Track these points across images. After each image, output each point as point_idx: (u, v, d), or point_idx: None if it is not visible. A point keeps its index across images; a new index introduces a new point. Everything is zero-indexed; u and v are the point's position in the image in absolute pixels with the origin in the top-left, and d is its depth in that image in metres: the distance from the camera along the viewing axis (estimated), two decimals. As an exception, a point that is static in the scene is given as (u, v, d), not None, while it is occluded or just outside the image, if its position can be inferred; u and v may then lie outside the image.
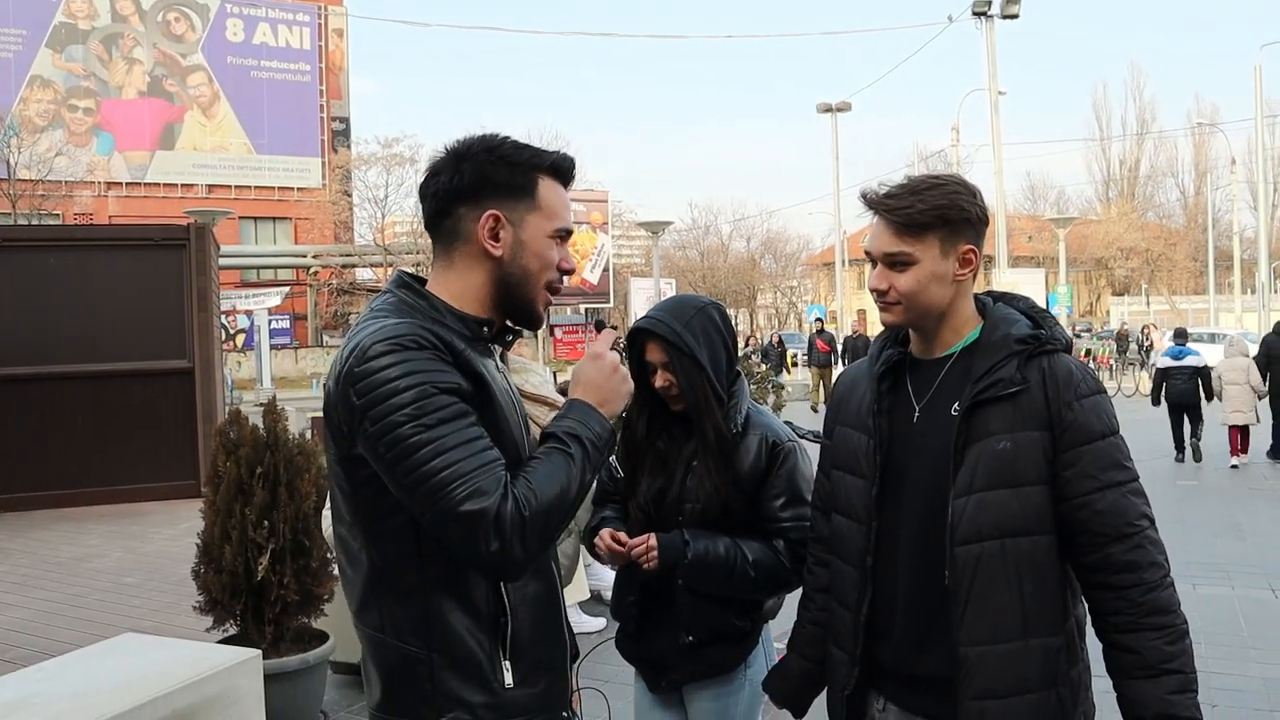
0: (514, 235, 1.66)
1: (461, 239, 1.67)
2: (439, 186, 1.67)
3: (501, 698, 1.61)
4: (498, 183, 1.65)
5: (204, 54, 40.47)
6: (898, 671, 1.89)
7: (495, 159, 1.66)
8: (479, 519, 1.46)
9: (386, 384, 1.48)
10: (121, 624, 5.58)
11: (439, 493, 1.46)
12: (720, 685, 2.41)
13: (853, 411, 1.99)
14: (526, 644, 1.64)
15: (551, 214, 1.70)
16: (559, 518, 1.55)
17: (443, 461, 1.47)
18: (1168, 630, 1.73)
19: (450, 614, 1.58)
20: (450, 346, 1.56)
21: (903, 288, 1.83)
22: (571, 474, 1.56)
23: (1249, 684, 4.65)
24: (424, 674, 1.59)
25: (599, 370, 1.70)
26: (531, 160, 1.68)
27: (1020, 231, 49.94)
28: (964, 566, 1.75)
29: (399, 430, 1.47)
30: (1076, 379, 1.79)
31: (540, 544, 1.53)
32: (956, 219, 1.81)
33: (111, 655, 3.42)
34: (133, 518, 9.16)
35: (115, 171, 38.87)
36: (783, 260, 64.93)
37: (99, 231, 13.90)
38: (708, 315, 2.39)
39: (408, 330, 1.53)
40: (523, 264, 1.68)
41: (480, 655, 1.59)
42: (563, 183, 1.73)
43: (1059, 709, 1.78)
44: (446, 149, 1.70)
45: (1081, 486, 1.75)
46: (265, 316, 27.29)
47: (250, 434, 4.12)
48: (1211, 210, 49.77)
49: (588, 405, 1.66)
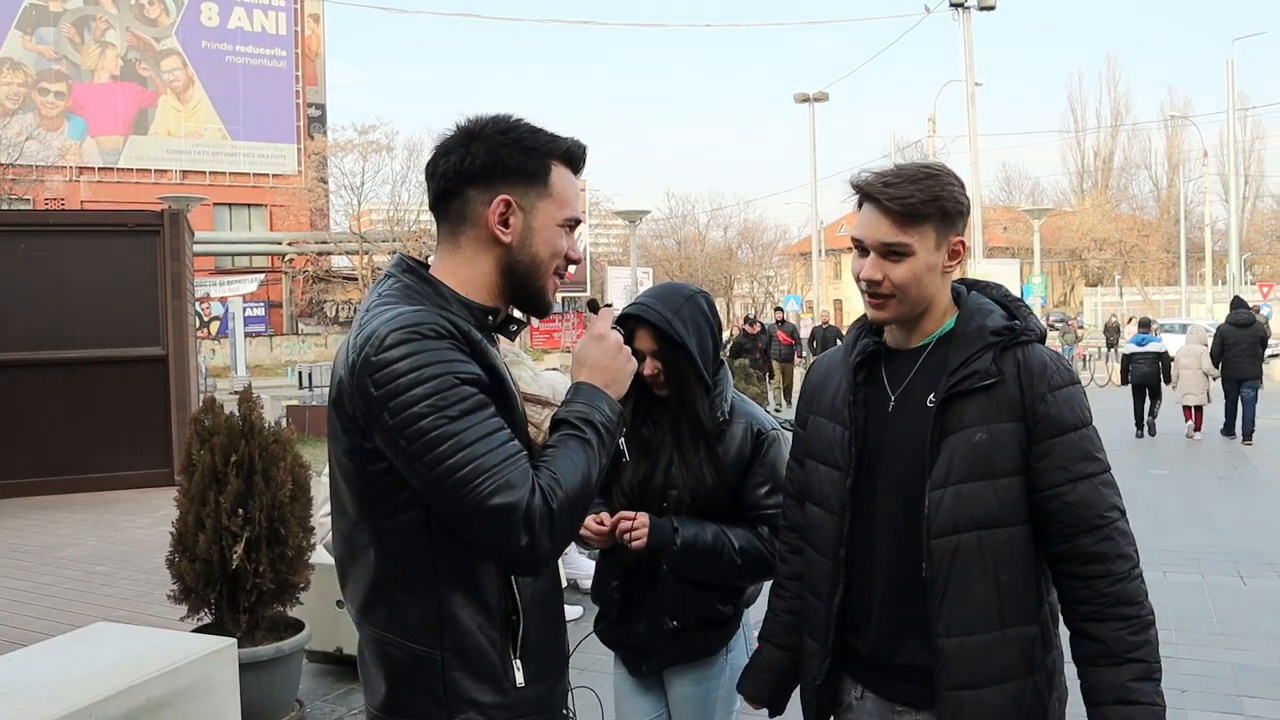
0: (524, 222, 1.61)
1: (469, 223, 1.62)
2: (449, 166, 1.61)
3: (512, 697, 1.57)
4: (511, 167, 1.60)
5: (178, 38, 39.98)
6: (875, 661, 1.90)
7: (509, 142, 1.60)
8: (509, 513, 1.42)
9: (407, 374, 1.43)
10: (94, 613, 5.53)
11: (466, 487, 1.42)
12: (701, 669, 2.43)
13: (827, 402, 1.98)
14: (535, 642, 1.61)
15: (563, 202, 1.65)
16: (583, 507, 1.52)
17: (468, 455, 1.42)
18: (1133, 621, 1.75)
19: (463, 612, 1.53)
20: (468, 337, 1.52)
21: (898, 279, 1.80)
22: (591, 461, 1.53)
23: (1218, 669, 4.72)
24: (436, 674, 1.54)
25: (603, 351, 1.66)
26: (547, 145, 1.63)
27: (995, 222, 50.30)
28: (941, 558, 1.76)
29: (422, 422, 1.42)
30: (1050, 371, 1.79)
31: (567, 536, 1.50)
32: (952, 210, 1.80)
33: (84, 644, 3.39)
34: (106, 506, 9.07)
35: (87, 156, 38.39)
36: (760, 250, 65.03)
37: (71, 217, 13.71)
38: (696, 304, 2.40)
39: (425, 319, 1.48)
40: (532, 251, 1.63)
41: (493, 654, 1.56)
42: (574, 170, 1.69)
43: (1035, 696, 1.79)
44: (458, 127, 1.64)
45: (1053, 478, 1.76)
46: (240, 304, 27.07)
47: (225, 422, 4.09)
48: (1184, 202, 50.36)
49: (594, 388, 1.62)
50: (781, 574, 2.15)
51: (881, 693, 1.91)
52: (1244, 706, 4.29)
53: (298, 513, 4.10)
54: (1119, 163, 62.39)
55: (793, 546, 2.11)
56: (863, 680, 1.94)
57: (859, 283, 1.85)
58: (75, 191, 37.11)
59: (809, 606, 2.00)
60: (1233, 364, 12.90)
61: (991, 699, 1.76)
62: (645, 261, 47.54)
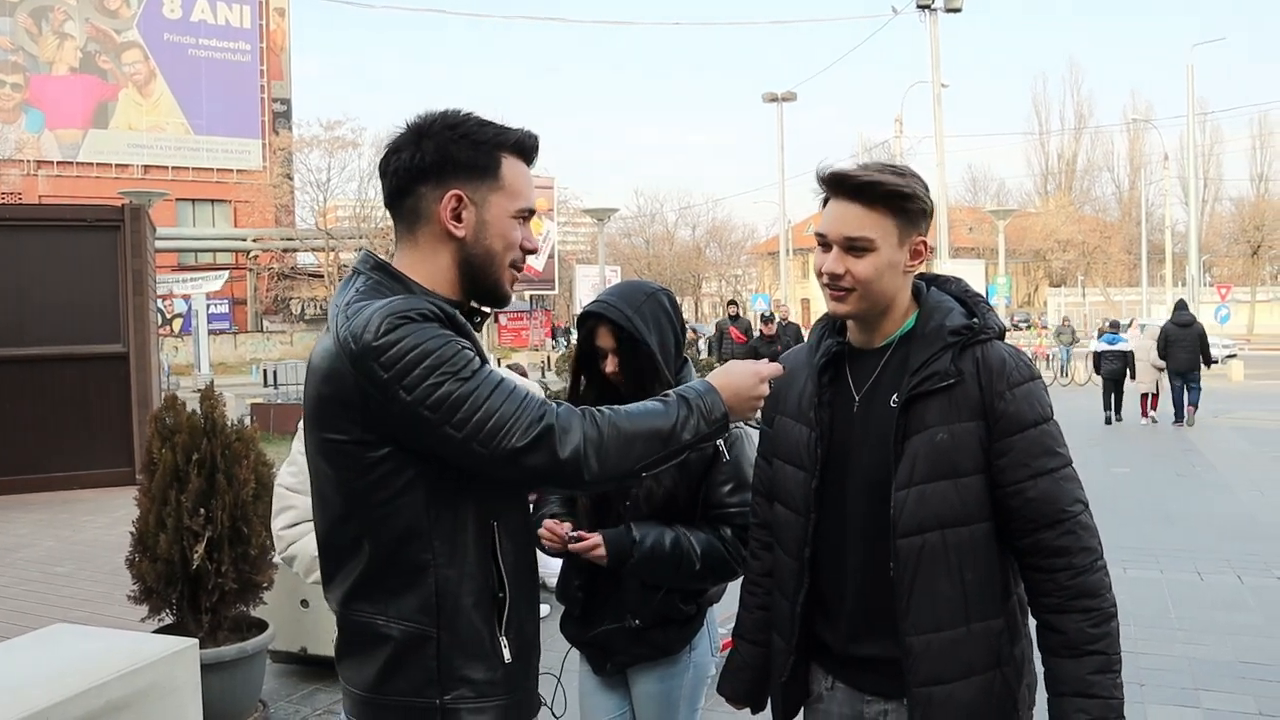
0: (477, 215, 1.64)
1: (424, 219, 1.64)
2: (400, 164, 1.64)
3: (500, 673, 1.62)
4: (460, 161, 1.62)
5: (139, 30, 39.42)
6: (844, 653, 1.92)
7: (458, 137, 1.62)
8: (545, 436, 1.49)
9: (412, 350, 1.48)
10: (52, 615, 5.44)
11: (500, 433, 1.48)
12: (665, 667, 2.43)
13: (793, 402, 1.99)
14: (517, 619, 1.65)
15: (515, 193, 1.67)
16: (639, 450, 1.56)
17: (490, 405, 1.48)
18: (1094, 613, 1.77)
19: (458, 590, 1.58)
20: (453, 320, 1.56)
21: (860, 274, 1.81)
22: (669, 419, 1.58)
23: (1175, 664, 4.79)
24: (430, 653, 1.58)
25: (745, 378, 1.71)
26: (496, 138, 1.65)
27: (961, 223, 50.81)
28: (907, 558, 1.78)
29: (440, 390, 1.47)
30: (1010, 368, 1.81)
31: (616, 465, 1.54)
32: (914, 209, 1.82)
33: (42, 646, 3.33)
34: (64, 506, 8.93)
35: (46, 150, 37.76)
36: (728, 249, 65.27)
37: (29, 211, 13.48)
38: (658, 301, 2.39)
39: (414, 304, 1.53)
40: (486, 244, 1.65)
41: (484, 632, 1.60)
42: (526, 161, 1.70)
43: (1004, 687, 1.82)
44: (407, 125, 1.66)
45: (1014, 475, 1.78)
46: (203, 301, 26.72)
47: (187, 420, 4.04)
48: (1145, 204, 51.09)
49: (715, 389, 1.67)
50: (753, 570, 2.16)
51: (851, 683, 1.93)
52: (1201, 700, 4.36)
53: (260, 512, 4.05)
54: (1082, 165, 63.26)
55: (763, 543, 2.12)
56: (833, 671, 1.96)
57: (820, 277, 1.88)
58: (33, 186, 36.49)
59: (777, 604, 2.02)
60: (1176, 359, 14.52)
61: (960, 693, 1.78)
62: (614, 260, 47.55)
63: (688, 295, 61.26)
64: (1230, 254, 58.31)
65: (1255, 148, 60.37)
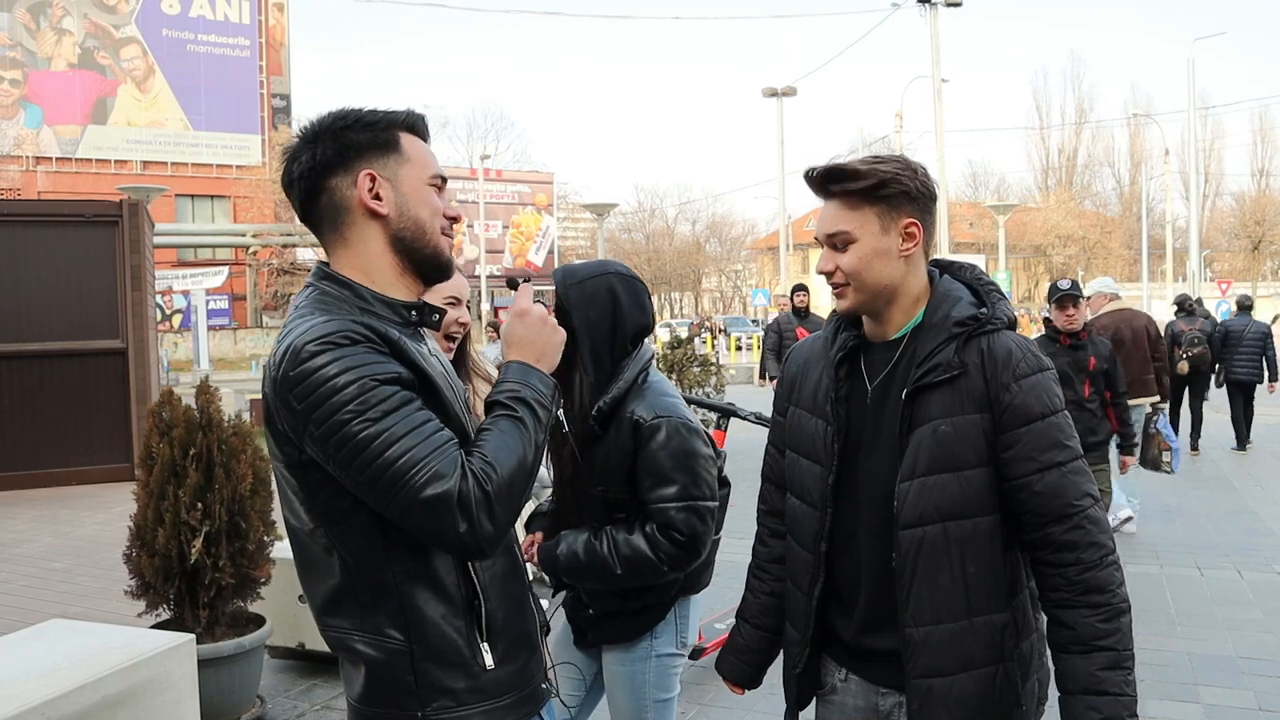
0: (394, 190, 1.62)
1: (343, 210, 1.62)
2: (302, 169, 1.62)
3: (483, 679, 1.61)
4: (361, 144, 1.61)
5: (138, 26, 39.36)
6: (858, 646, 1.92)
7: (350, 124, 1.62)
8: (443, 503, 1.43)
9: (325, 383, 1.45)
10: (50, 610, 5.43)
11: (397, 483, 1.44)
12: (626, 651, 2.47)
13: (808, 395, 1.97)
14: (501, 623, 1.64)
15: (422, 163, 1.66)
16: (522, 486, 1.53)
17: (395, 451, 1.44)
18: (1103, 609, 1.76)
19: (425, 604, 1.57)
20: (385, 337, 1.52)
21: (847, 266, 1.81)
22: (525, 439, 1.54)
23: (1174, 659, 4.78)
24: (406, 667, 1.57)
25: (527, 326, 1.67)
26: (386, 117, 1.65)
27: (962, 218, 50.76)
28: (908, 550, 1.77)
29: (346, 429, 1.44)
30: (1016, 359, 1.78)
31: (508, 516, 1.51)
32: (892, 193, 1.80)
33: (38, 642, 3.33)
34: (63, 501, 8.92)
35: (44, 146, 37.72)
36: (728, 244, 65.25)
37: (28, 207, 13.42)
38: (606, 282, 2.34)
39: (338, 327, 1.49)
40: (413, 215, 1.63)
41: (459, 641, 1.59)
42: (422, 137, 1.70)
43: (1007, 683, 1.80)
44: (298, 135, 1.66)
45: (1021, 468, 1.76)
46: (203, 296, 26.71)
47: (184, 415, 4.03)
48: (1146, 199, 51.09)
49: (525, 364, 1.64)
50: (761, 557, 2.16)
51: (865, 675, 1.93)
52: (1200, 695, 4.35)
53: (258, 506, 4.04)
54: (1083, 160, 63.15)
55: (772, 530, 2.13)
56: (846, 663, 1.96)
57: (822, 276, 1.88)
58: (32, 182, 36.47)
59: (790, 596, 2.01)
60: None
61: (960, 685, 1.77)
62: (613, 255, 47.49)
63: (688, 290, 61.25)
64: (1231, 249, 58.29)
65: (1256, 142, 60.41)
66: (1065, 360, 5.82)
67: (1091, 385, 5.90)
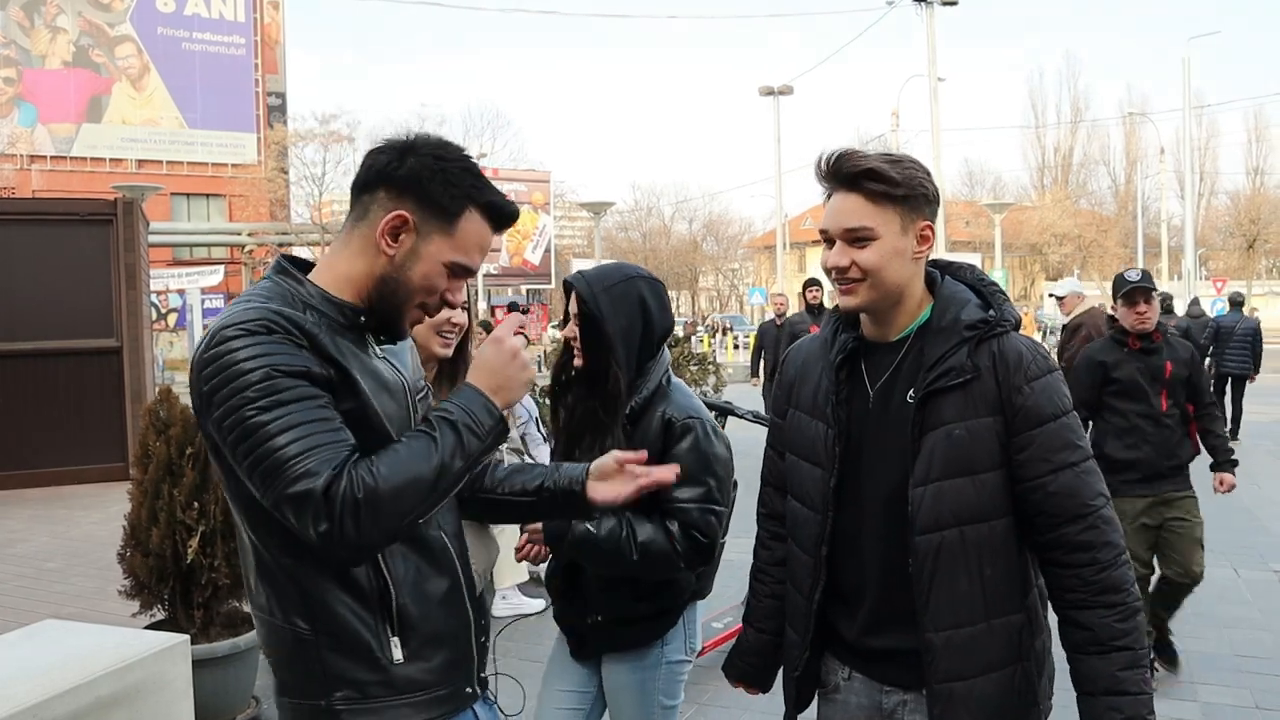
0: (413, 245, 1.61)
1: (367, 221, 1.62)
2: (375, 162, 1.63)
3: (392, 674, 1.60)
4: (426, 191, 1.60)
5: (133, 24, 39.22)
6: (862, 646, 1.92)
7: (439, 169, 1.60)
8: (305, 499, 1.43)
9: (232, 367, 1.47)
10: (43, 610, 5.41)
11: (272, 474, 1.45)
12: (635, 659, 2.43)
13: (808, 397, 1.96)
14: (417, 618, 1.62)
15: (461, 247, 1.63)
16: (408, 504, 1.49)
17: (277, 443, 1.44)
18: (1119, 608, 1.76)
19: (330, 594, 1.57)
20: (303, 329, 1.52)
21: (866, 263, 1.79)
22: (431, 459, 1.50)
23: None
24: (312, 654, 1.58)
25: (498, 355, 1.63)
26: (470, 189, 1.62)
27: (958, 217, 50.80)
28: (925, 555, 1.77)
29: (240, 412, 1.46)
30: (1027, 361, 1.79)
31: (381, 528, 1.47)
32: (916, 194, 1.80)
33: (31, 642, 3.31)
34: (58, 501, 8.89)
35: (39, 144, 37.58)
36: (725, 243, 65.25)
37: (21, 205, 13.38)
38: (634, 286, 2.35)
39: (258, 315, 1.51)
40: (408, 274, 1.62)
41: (366, 633, 1.58)
42: (495, 226, 1.67)
43: (1025, 681, 1.82)
44: (406, 134, 1.66)
45: (1034, 470, 1.76)
46: (198, 295, 26.62)
47: (181, 413, 4.01)
48: (1141, 198, 51.08)
49: (477, 390, 1.60)
50: (762, 560, 2.16)
51: (869, 674, 1.93)
52: (1198, 694, 4.36)
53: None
54: (1078, 159, 63.12)
55: (773, 533, 2.12)
56: (849, 662, 1.96)
57: (829, 274, 1.85)
58: (27, 180, 36.33)
59: (790, 598, 2.01)
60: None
61: (981, 688, 1.77)
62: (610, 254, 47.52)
63: (685, 289, 61.24)
64: (1226, 248, 58.35)
65: (1251, 141, 60.40)
66: (1136, 367, 4.47)
67: (1170, 396, 4.50)
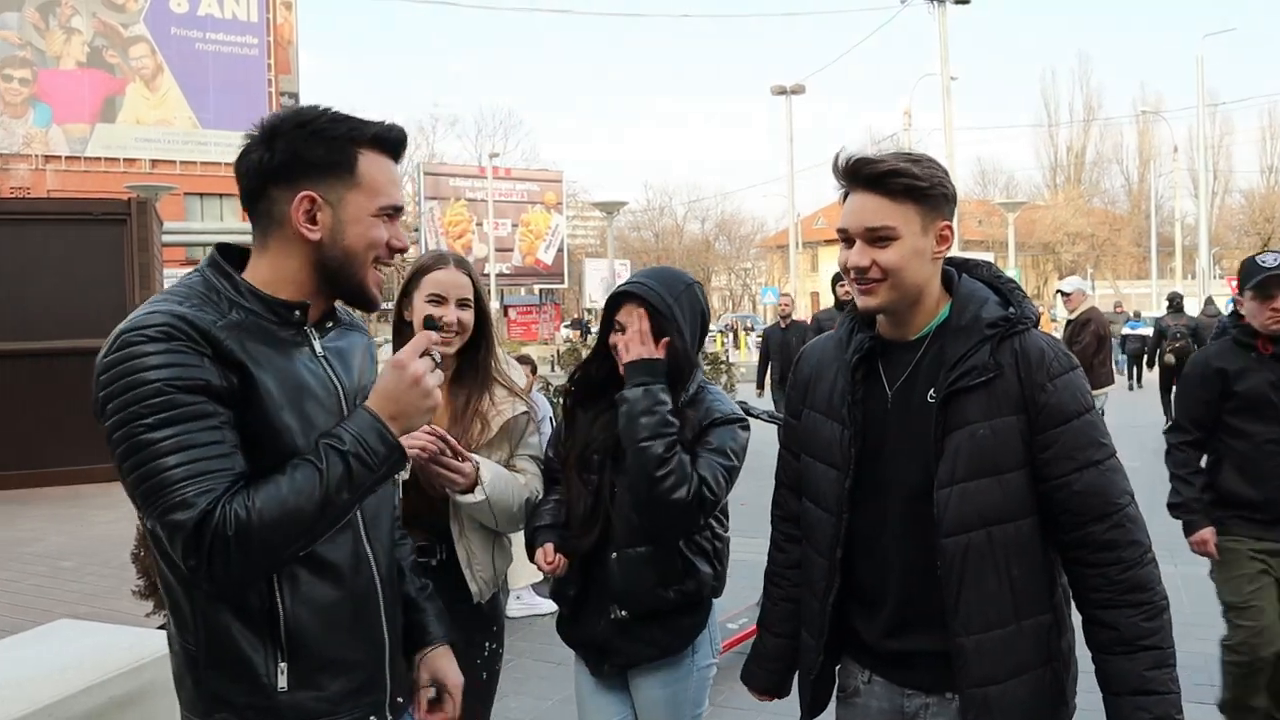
0: (333, 217, 1.56)
1: (275, 223, 1.57)
2: (249, 165, 1.57)
3: (275, 700, 1.53)
4: (311, 160, 1.54)
5: (146, 24, 39.40)
6: (883, 648, 1.89)
7: (309, 134, 1.54)
8: (177, 531, 1.39)
9: (128, 376, 1.42)
10: (58, 610, 5.43)
11: (151, 497, 1.41)
12: (667, 672, 2.39)
13: (823, 397, 1.94)
14: (312, 644, 1.55)
15: (375, 190, 1.58)
16: (283, 539, 1.44)
17: (159, 465, 1.39)
18: (1145, 607, 1.74)
19: (218, 612, 1.51)
20: (208, 336, 1.45)
21: (886, 263, 1.77)
22: (315, 493, 1.45)
23: (1192, 660, 4.73)
24: (196, 673, 1.53)
25: (398, 382, 1.54)
26: (350, 133, 1.56)
27: (970, 215, 50.63)
28: (952, 557, 1.74)
29: (129, 427, 1.41)
30: (1049, 359, 1.77)
31: (253, 563, 1.43)
32: (936, 194, 1.78)
33: (45, 642, 3.32)
34: (72, 500, 8.93)
35: (54, 144, 37.81)
36: (737, 242, 65.21)
37: (35, 205, 13.45)
38: (694, 293, 2.40)
39: (161, 320, 1.45)
40: (344, 246, 1.57)
41: (251, 655, 1.52)
42: (391, 156, 1.61)
43: (1054, 681, 1.80)
44: (260, 124, 1.59)
45: (1059, 468, 1.74)
46: (211, 295, 26.71)
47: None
48: (1154, 197, 50.86)
49: (373, 416, 1.52)
50: (778, 563, 2.13)
51: (890, 677, 1.91)
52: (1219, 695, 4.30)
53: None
54: (1091, 157, 62.83)
55: (788, 535, 2.09)
56: (869, 665, 1.93)
57: (846, 274, 1.82)
58: (42, 180, 36.54)
59: (805, 601, 1.99)
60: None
61: (1014, 691, 1.75)
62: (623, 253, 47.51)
63: (696, 289, 61.03)
64: (1240, 246, 57.95)
65: (1265, 139, 60.02)
66: (1266, 378, 3.38)
67: None
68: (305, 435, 1.52)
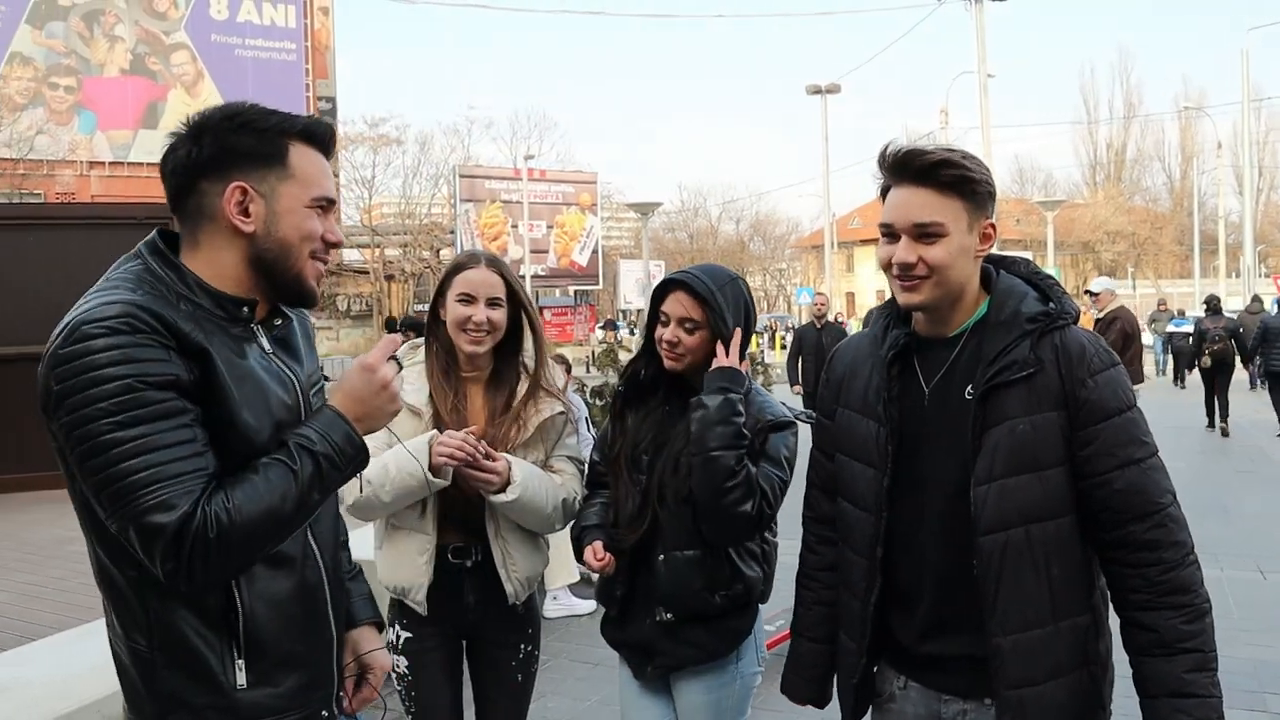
0: (266, 208, 1.54)
1: (207, 217, 1.54)
2: (177, 162, 1.55)
3: (233, 698, 1.51)
4: (241, 151, 1.52)
5: (187, 32, 40.00)
6: (920, 653, 1.86)
7: (238, 126, 1.53)
8: (157, 534, 1.35)
9: (89, 371, 1.36)
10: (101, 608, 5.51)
11: (123, 498, 1.36)
12: (711, 677, 2.36)
13: (858, 395, 1.92)
14: (269, 641, 1.54)
15: (307, 182, 1.56)
16: (260, 539, 1.44)
17: (133, 465, 1.35)
18: (1186, 609, 1.70)
19: (173, 611, 1.48)
20: (172, 327, 1.42)
21: (934, 259, 1.74)
22: (289, 492, 1.44)
23: (1239, 665, 4.63)
24: (149, 673, 1.50)
25: (365, 384, 1.55)
26: (279, 125, 1.55)
27: (1008, 214, 50.03)
28: (990, 556, 1.71)
29: (93, 425, 1.35)
30: (1090, 354, 1.74)
31: (231, 565, 1.42)
32: (982, 191, 1.76)
33: (92, 639, 3.36)
34: (116, 499, 9.06)
35: (98, 150, 38.45)
36: (772, 243, 64.96)
37: (81, 210, 13.71)
38: (739, 288, 2.39)
39: (122, 311, 1.39)
40: (279, 237, 1.54)
41: (208, 654, 1.50)
42: (321, 150, 1.60)
43: (1091, 685, 1.76)
44: (187, 121, 1.57)
45: (1100, 465, 1.71)
46: (251, 297, 27.04)
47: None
48: (1197, 194, 49.99)
49: (339, 416, 1.52)
50: (810, 565, 2.11)
51: (926, 682, 1.87)
52: (1267, 703, 4.22)
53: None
54: (1132, 155, 61.85)
55: (820, 537, 2.07)
56: (905, 671, 1.90)
57: (889, 270, 1.80)
58: (86, 186, 37.19)
59: (845, 604, 1.96)
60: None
61: (1051, 694, 1.72)
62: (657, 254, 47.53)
63: (730, 289, 60.76)
64: (1287, 244, 56.85)
65: (1313, 135, 58.71)
66: None
67: None
68: (268, 433, 1.51)
